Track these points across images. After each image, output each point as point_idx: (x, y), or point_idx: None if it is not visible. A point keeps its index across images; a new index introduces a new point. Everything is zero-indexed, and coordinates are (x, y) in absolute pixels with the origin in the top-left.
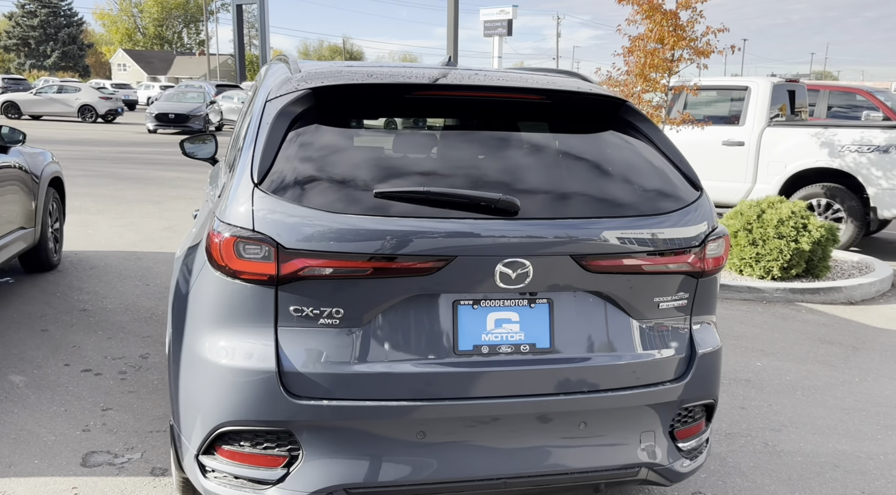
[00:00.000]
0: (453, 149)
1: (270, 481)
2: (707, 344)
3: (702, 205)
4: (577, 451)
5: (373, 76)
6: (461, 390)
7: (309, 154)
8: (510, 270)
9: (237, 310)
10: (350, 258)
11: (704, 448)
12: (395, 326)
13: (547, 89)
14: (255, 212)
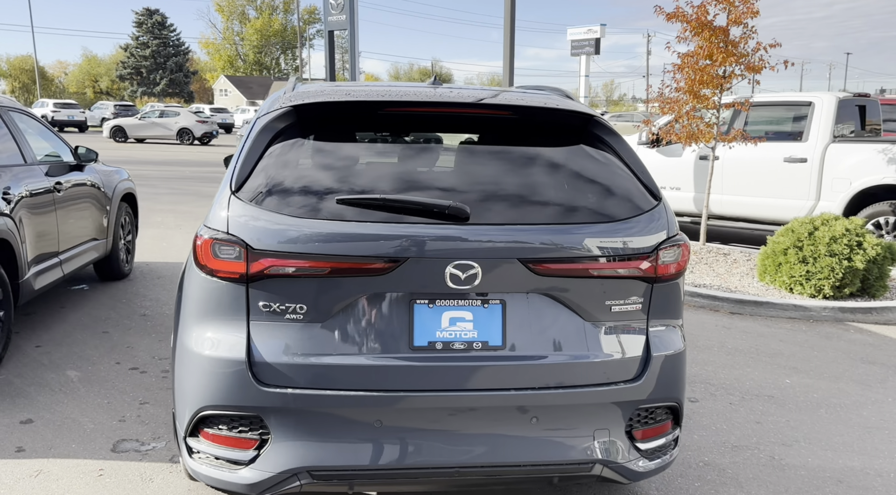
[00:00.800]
0: (419, 161)
1: (244, 461)
2: (666, 347)
3: (658, 214)
4: (529, 445)
5: (349, 95)
6: (415, 383)
7: (285, 165)
8: (460, 272)
9: (215, 306)
10: (310, 258)
11: (670, 449)
12: (354, 322)
13: (510, 105)
14: (230, 217)
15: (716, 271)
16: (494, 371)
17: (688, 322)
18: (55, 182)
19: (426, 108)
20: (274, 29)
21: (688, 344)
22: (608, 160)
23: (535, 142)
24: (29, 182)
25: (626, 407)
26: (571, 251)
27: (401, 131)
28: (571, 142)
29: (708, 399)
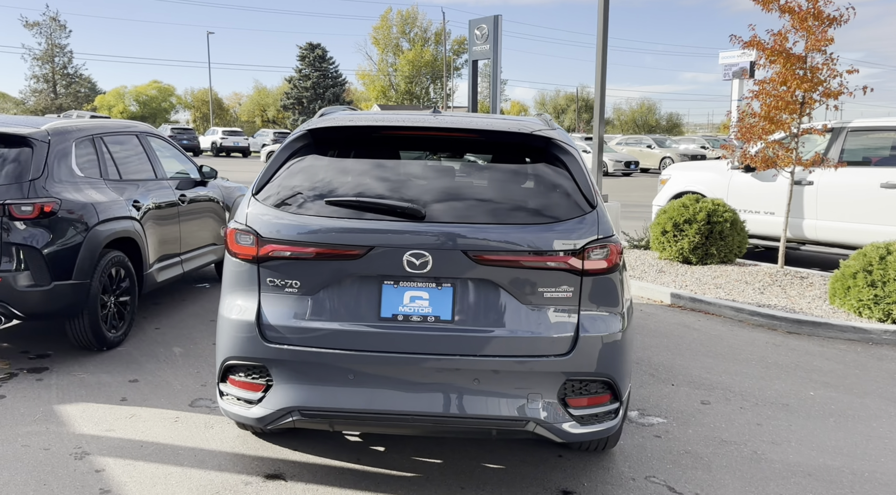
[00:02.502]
0: (400, 173)
1: (254, 401)
2: (597, 330)
3: (589, 219)
4: (471, 401)
5: (352, 120)
6: (381, 346)
7: (295, 174)
8: (414, 259)
9: (238, 281)
10: (300, 245)
11: (609, 419)
12: (336, 295)
13: (478, 129)
14: (248, 213)
15: (787, 293)
16: (444, 339)
17: (739, 339)
18: (180, 195)
19: (411, 131)
20: (425, 60)
21: (727, 357)
22: (557, 173)
23: (498, 158)
24: (157, 194)
25: (557, 376)
26: (506, 246)
27: (392, 149)
28: (529, 159)
29: (720, 403)
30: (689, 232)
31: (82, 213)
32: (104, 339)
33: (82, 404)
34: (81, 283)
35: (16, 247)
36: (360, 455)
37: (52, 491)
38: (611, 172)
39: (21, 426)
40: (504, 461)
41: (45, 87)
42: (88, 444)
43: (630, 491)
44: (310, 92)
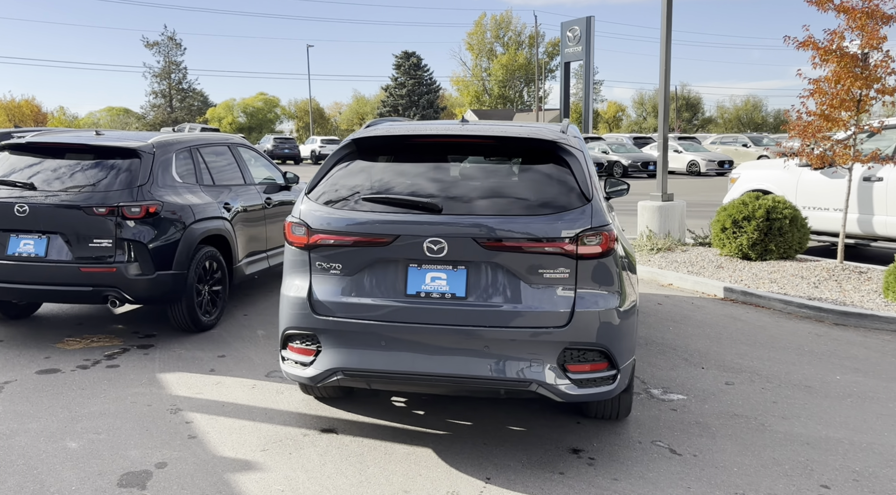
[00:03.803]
0: (427, 173)
1: (307, 363)
2: (592, 306)
3: (584, 210)
4: (482, 364)
5: (389, 131)
6: (406, 318)
7: (340, 176)
8: (433, 245)
9: (294, 265)
10: (341, 234)
11: (606, 384)
12: (371, 276)
13: (494, 136)
14: (301, 209)
15: (842, 288)
16: (459, 313)
17: (782, 329)
18: (266, 198)
19: (439, 139)
20: (519, 63)
21: (764, 345)
22: (560, 171)
23: (511, 160)
24: (246, 197)
25: (556, 345)
26: (509, 234)
27: (423, 155)
28: (537, 160)
29: (744, 384)
30: (747, 228)
31: (181, 214)
32: (199, 322)
33: (178, 373)
34: (180, 274)
35: (127, 242)
36: (402, 416)
37: (152, 435)
38: (703, 172)
39: (131, 388)
40: (526, 424)
41: (163, 101)
42: (181, 403)
43: (634, 451)
44: (405, 99)
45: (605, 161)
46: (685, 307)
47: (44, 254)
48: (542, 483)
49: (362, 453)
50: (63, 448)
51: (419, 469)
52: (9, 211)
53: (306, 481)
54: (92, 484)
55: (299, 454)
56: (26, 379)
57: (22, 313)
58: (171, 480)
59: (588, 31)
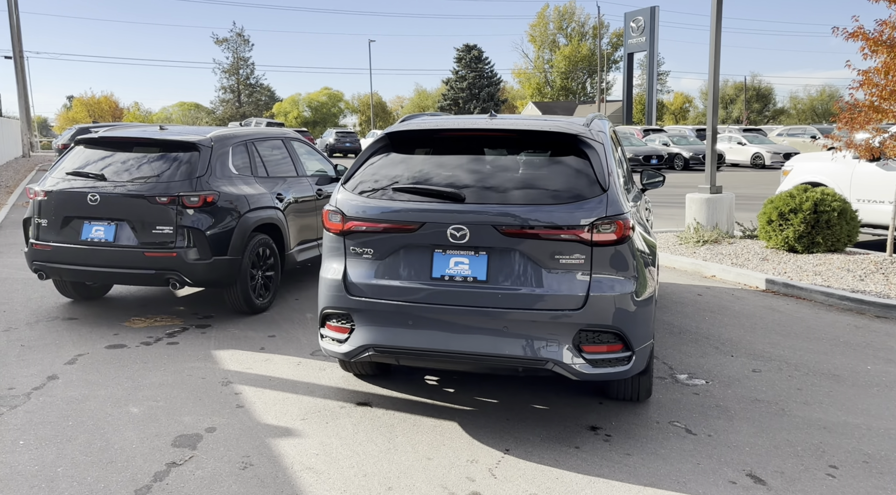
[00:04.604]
0: (453, 165)
1: (342, 340)
2: (607, 290)
3: (600, 200)
4: (502, 343)
5: (421, 125)
6: (432, 300)
7: (373, 167)
8: (455, 232)
9: (331, 249)
10: (373, 221)
11: (620, 365)
12: (400, 260)
13: (519, 129)
14: (338, 198)
15: (889, 281)
16: (480, 295)
17: (820, 320)
18: (317, 189)
19: (467, 132)
20: (581, 54)
21: (798, 336)
22: (579, 163)
23: (534, 151)
24: (298, 188)
25: (572, 327)
26: (526, 222)
27: (452, 147)
28: (559, 152)
29: (771, 371)
30: (794, 221)
31: (236, 203)
32: (253, 305)
33: (231, 350)
34: (235, 259)
35: (187, 229)
36: (433, 393)
37: (204, 404)
38: (768, 164)
39: (188, 362)
40: (549, 403)
41: (231, 96)
42: (232, 377)
43: (650, 430)
44: (465, 92)
45: (666, 153)
46: (724, 298)
47: (113, 239)
48: (557, 455)
49: (392, 424)
50: (126, 412)
51: (443, 439)
52: (83, 200)
53: (339, 447)
54: (150, 444)
55: (335, 423)
56: (97, 352)
57: (94, 294)
58: (218, 442)
59: (652, 21)
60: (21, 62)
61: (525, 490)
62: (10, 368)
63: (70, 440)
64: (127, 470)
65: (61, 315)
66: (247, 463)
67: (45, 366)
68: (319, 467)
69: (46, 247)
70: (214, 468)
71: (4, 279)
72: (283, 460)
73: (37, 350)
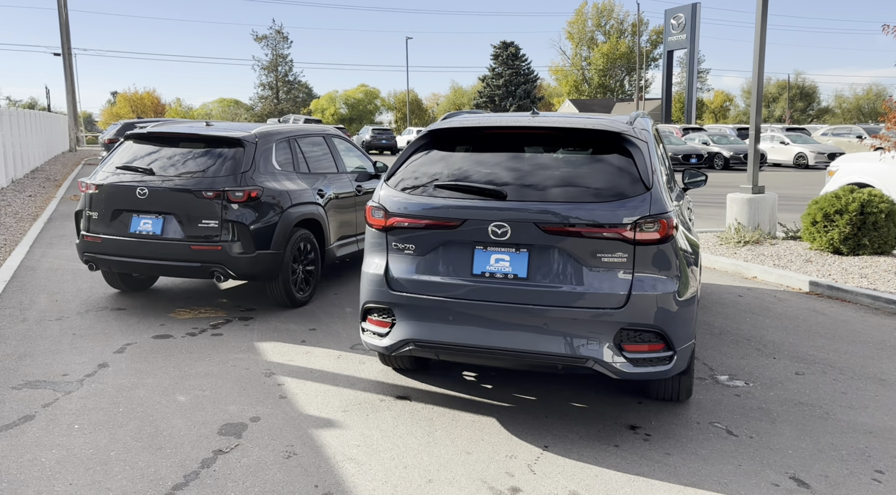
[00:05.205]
0: (495, 162)
1: (383, 334)
2: (649, 289)
3: (643, 199)
4: (542, 341)
5: (463, 122)
6: (473, 296)
7: (416, 164)
8: (497, 229)
9: (373, 245)
10: (415, 218)
11: (662, 364)
12: (441, 256)
13: (562, 127)
14: (380, 195)
15: None
16: (521, 292)
17: (865, 324)
18: (357, 186)
19: (510, 130)
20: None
21: (843, 339)
22: (622, 161)
23: (576, 149)
24: (338, 185)
25: (613, 325)
26: (568, 220)
27: (494, 145)
28: (601, 150)
29: (815, 374)
30: (839, 222)
31: (279, 199)
32: (294, 298)
33: (273, 343)
34: (277, 253)
35: (231, 223)
36: (471, 388)
37: (248, 394)
38: (812, 165)
39: (232, 353)
40: (588, 402)
41: (270, 93)
42: (275, 368)
43: (691, 430)
44: (502, 89)
45: (706, 152)
46: (766, 300)
47: (160, 232)
48: (596, 453)
49: (432, 418)
50: (174, 400)
51: (482, 434)
52: (132, 193)
53: (380, 439)
54: (197, 431)
55: (375, 416)
56: (144, 342)
57: (141, 285)
58: (262, 432)
59: (693, 19)
60: (69, 59)
61: (564, 486)
62: (63, 355)
63: (121, 426)
64: (176, 455)
65: (110, 305)
66: (290, 452)
67: (96, 354)
68: (361, 458)
69: (97, 239)
70: (259, 456)
71: (56, 269)
72: (326, 450)
73: (87, 338)
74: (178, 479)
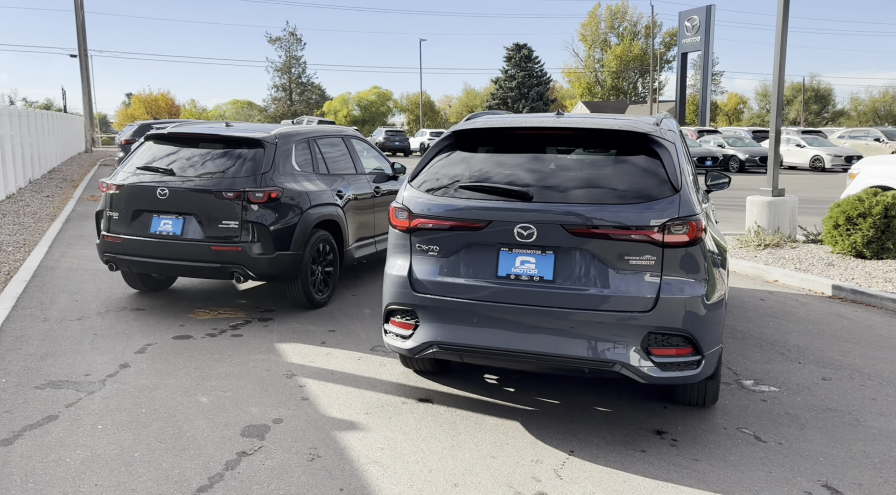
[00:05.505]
0: (520, 163)
1: (406, 336)
2: (677, 293)
3: (672, 201)
4: (568, 344)
5: (488, 123)
6: (498, 298)
7: (439, 165)
8: (522, 230)
9: (396, 246)
10: (439, 219)
11: (690, 369)
12: (465, 258)
13: (587, 128)
14: (404, 196)
15: None
16: (546, 295)
17: (892, 328)
18: (375, 187)
19: (535, 131)
20: (633, 54)
21: (869, 344)
22: (649, 162)
23: (602, 150)
24: (357, 186)
25: (640, 329)
26: (595, 221)
27: (519, 145)
28: (627, 151)
29: (842, 380)
30: (862, 226)
31: (298, 200)
32: (313, 300)
33: (293, 344)
34: (296, 254)
35: (251, 224)
36: (493, 391)
37: (270, 395)
38: (828, 168)
39: (252, 354)
40: (613, 406)
41: (283, 95)
42: (295, 370)
43: (718, 436)
44: (514, 91)
45: (721, 155)
46: (789, 303)
47: (180, 233)
48: (623, 458)
49: (455, 421)
50: (196, 401)
51: (506, 438)
52: (152, 194)
53: (403, 442)
54: (220, 433)
55: (398, 419)
56: (164, 342)
57: (159, 286)
58: (285, 434)
59: (708, 21)
60: (86, 61)
61: (592, 492)
62: (85, 356)
63: (144, 426)
64: (199, 457)
65: (129, 305)
66: (314, 455)
67: (117, 354)
68: (385, 461)
69: (117, 239)
70: (283, 458)
71: (75, 269)
72: (350, 453)
73: (108, 338)
74: (202, 481)
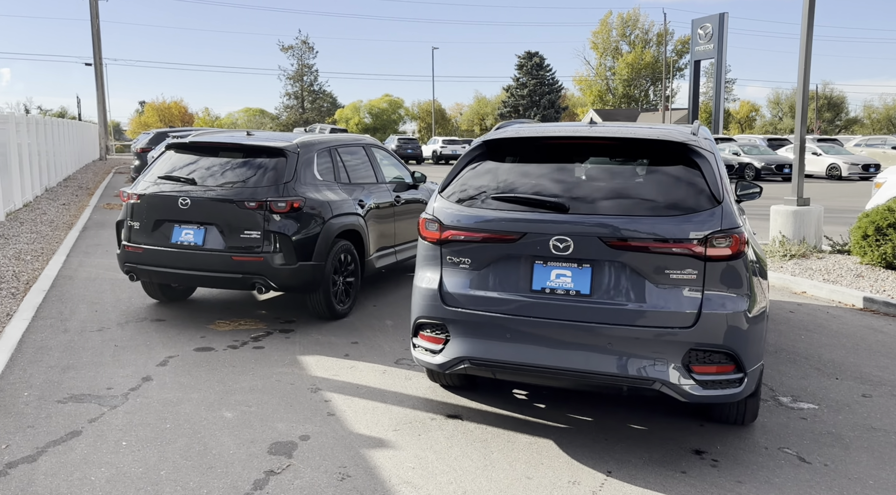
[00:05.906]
0: (555, 173)
1: (437, 351)
2: (720, 308)
3: (714, 213)
4: (606, 361)
5: (519, 132)
6: (532, 312)
7: (470, 176)
8: (559, 243)
9: (426, 258)
10: (471, 231)
11: (732, 387)
12: (498, 271)
13: (622, 137)
14: (435, 207)
15: None
16: (583, 310)
17: None
18: (396, 196)
19: (567, 140)
20: (645, 62)
21: None
22: (689, 173)
23: (638, 161)
24: (378, 195)
25: (682, 345)
26: (635, 234)
27: (551, 155)
28: (665, 161)
29: (883, 397)
30: (893, 236)
31: (320, 209)
32: (334, 311)
33: (316, 356)
34: (318, 264)
35: (273, 234)
36: (524, 408)
37: (296, 411)
38: (845, 176)
39: (275, 367)
40: (648, 423)
41: (295, 103)
42: (320, 383)
43: (759, 456)
44: (526, 99)
45: (737, 163)
46: (819, 316)
47: (201, 243)
48: (663, 480)
49: (486, 439)
50: (220, 417)
51: (541, 458)
52: (174, 203)
53: (435, 461)
54: (247, 450)
55: (428, 436)
56: (186, 354)
57: (179, 296)
58: (314, 451)
59: (721, 28)
60: (100, 69)
61: None
62: (106, 368)
63: (169, 443)
64: (227, 476)
65: (149, 316)
66: (344, 474)
67: (139, 367)
68: (417, 481)
69: (138, 249)
70: (312, 478)
71: (94, 279)
72: (380, 472)
73: (129, 350)
74: None
